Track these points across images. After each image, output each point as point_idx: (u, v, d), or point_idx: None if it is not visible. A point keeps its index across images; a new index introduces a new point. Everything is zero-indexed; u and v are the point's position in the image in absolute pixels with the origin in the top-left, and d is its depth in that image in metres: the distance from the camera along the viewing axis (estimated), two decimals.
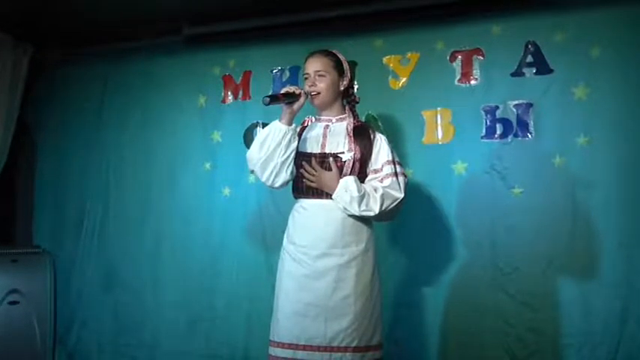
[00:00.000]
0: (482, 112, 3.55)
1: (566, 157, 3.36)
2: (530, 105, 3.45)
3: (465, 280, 3.48)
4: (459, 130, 3.59)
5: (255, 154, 2.72)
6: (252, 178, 3.85)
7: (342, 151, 2.67)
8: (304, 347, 2.57)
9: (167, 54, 4.28)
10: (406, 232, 3.61)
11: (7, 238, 4.64)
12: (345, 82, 2.77)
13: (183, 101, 4.20)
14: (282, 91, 2.70)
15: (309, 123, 2.85)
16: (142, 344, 4.11)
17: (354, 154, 2.65)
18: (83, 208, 4.43)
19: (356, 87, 3.75)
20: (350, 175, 2.62)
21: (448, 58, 3.63)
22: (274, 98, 2.65)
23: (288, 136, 2.66)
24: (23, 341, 4.14)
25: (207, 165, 4.08)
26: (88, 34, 4.33)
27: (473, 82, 3.58)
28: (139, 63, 4.38)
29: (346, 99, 2.85)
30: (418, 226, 3.59)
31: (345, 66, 2.80)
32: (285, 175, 2.71)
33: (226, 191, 4.00)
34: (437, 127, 3.63)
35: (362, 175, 2.68)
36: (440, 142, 3.62)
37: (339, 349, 2.53)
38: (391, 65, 3.76)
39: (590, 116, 3.33)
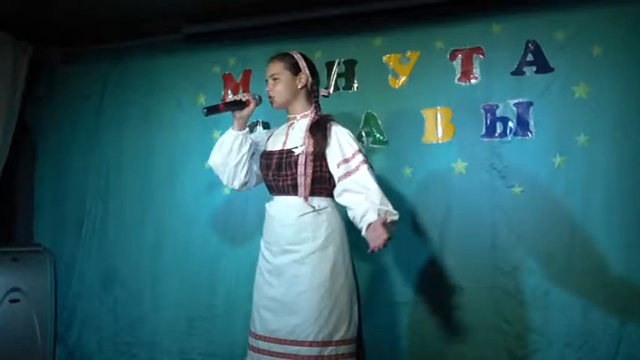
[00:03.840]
0: (483, 111, 3.54)
1: (566, 156, 3.35)
2: (530, 104, 3.44)
3: (464, 279, 3.47)
4: (459, 129, 3.58)
5: (212, 160, 2.93)
6: None
7: (296, 145, 2.72)
8: (265, 338, 2.65)
9: (167, 53, 4.27)
10: (405, 231, 3.60)
11: (8, 236, 4.63)
12: (302, 80, 2.81)
13: (183, 100, 4.19)
14: (232, 99, 2.83)
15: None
16: (142, 342, 4.11)
17: (307, 147, 2.67)
18: (83, 206, 4.43)
19: (356, 85, 3.79)
20: (305, 168, 2.65)
21: (448, 56, 3.63)
22: (213, 109, 2.75)
23: (239, 141, 2.81)
24: (24, 339, 4.14)
25: (207, 164, 4.08)
26: (87, 33, 4.33)
27: (473, 80, 3.58)
28: (139, 62, 4.37)
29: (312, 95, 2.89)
30: (417, 225, 3.59)
31: (302, 64, 2.84)
32: (241, 177, 2.88)
33: (226, 190, 3.99)
34: (437, 125, 3.62)
35: (318, 169, 2.68)
36: (440, 141, 3.61)
37: (297, 342, 2.57)
38: (391, 64, 3.75)
39: (591, 115, 3.32)
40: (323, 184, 2.70)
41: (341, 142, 2.68)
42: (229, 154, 2.82)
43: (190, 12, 3.97)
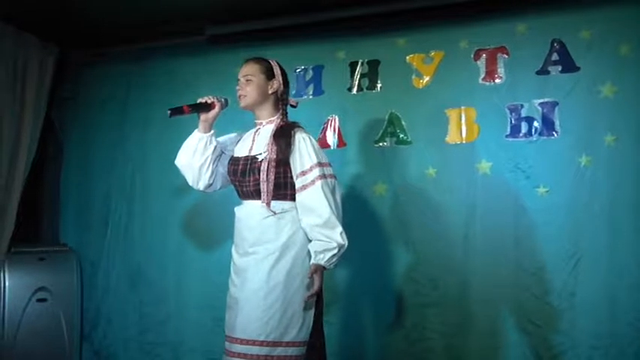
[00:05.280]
0: (507, 111, 3.53)
1: (592, 156, 3.33)
2: (555, 103, 3.42)
3: (489, 280, 3.46)
4: (484, 129, 3.57)
5: (177, 160, 2.92)
6: None
7: (260, 152, 2.73)
8: (227, 337, 2.69)
9: (190, 54, 4.30)
10: (429, 231, 3.61)
11: (35, 236, 4.70)
12: (274, 86, 2.81)
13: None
14: (199, 101, 2.83)
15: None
16: (167, 342, 4.14)
17: (269, 154, 2.67)
18: (108, 206, 4.47)
19: (379, 85, 3.78)
20: (267, 174, 2.65)
21: (472, 56, 3.62)
22: (177, 111, 2.75)
23: (203, 143, 2.83)
24: (51, 338, 4.20)
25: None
26: (112, 34, 4.37)
27: (497, 80, 3.56)
28: (163, 63, 4.41)
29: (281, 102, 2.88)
30: (441, 226, 3.58)
31: (276, 71, 2.84)
32: (205, 178, 2.89)
33: None
34: (461, 125, 3.61)
35: (281, 176, 2.68)
36: (464, 141, 3.61)
37: (247, 341, 2.58)
38: (414, 64, 3.75)
39: (617, 115, 3.30)
40: (286, 189, 2.69)
41: (301, 153, 2.68)
42: (194, 155, 2.84)
43: (213, 13, 3.99)
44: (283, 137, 2.70)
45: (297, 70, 4.01)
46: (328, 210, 2.60)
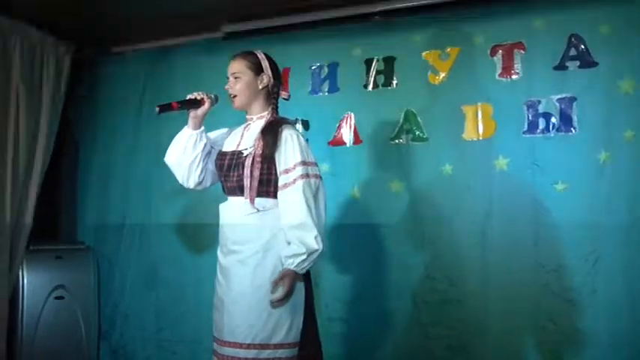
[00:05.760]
0: (524, 107, 3.50)
1: (611, 152, 3.29)
2: (573, 99, 3.39)
3: (507, 278, 3.43)
4: (501, 125, 3.54)
5: (167, 158, 2.85)
6: None
7: (246, 147, 2.67)
8: (215, 339, 2.66)
9: (206, 51, 4.30)
10: (446, 228, 3.59)
11: (52, 234, 4.74)
12: (264, 80, 2.74)
13: (222, 98, 4.21)
14: (188, 97, 2.77)
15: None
16: (184, 340, 4.16)
17: (255, 149, 2.60)
18: (125, 204, 4.50)
19: (395, 82, 3.76)
20: (251, 170, 2.58)
21: (489, 52, 3.59)
22: (166, 107, 2.72)
23: (193, 140, 2.75)
24: (69, 336, 4.24)
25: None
26: (128, 32, 4.39)
27: (514, 76, 3.53)
28: (178, 61, 4.42)
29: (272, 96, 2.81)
30: (459, 223, 3.56)
31: (265, 64, 2.75)
32: (195, 176, 2.81)
33: None
34: (478, 122, 3.59)
35: (265, 172, 2.60)
36: (481, 138, 3.58)
37: (234, 344, 2.54)
38: (430, 60, 3.73)
39: (637, 110, 3.26)
40: (269, 186, 2.61)
41: (287, 150, 2.59)
42: (184, 152, 2.76)
43: (229, 11, 3.99)
44: (270, 133, 2.63)
45: (313, 67, 4.00)
46: (305, 212, 2.51)
